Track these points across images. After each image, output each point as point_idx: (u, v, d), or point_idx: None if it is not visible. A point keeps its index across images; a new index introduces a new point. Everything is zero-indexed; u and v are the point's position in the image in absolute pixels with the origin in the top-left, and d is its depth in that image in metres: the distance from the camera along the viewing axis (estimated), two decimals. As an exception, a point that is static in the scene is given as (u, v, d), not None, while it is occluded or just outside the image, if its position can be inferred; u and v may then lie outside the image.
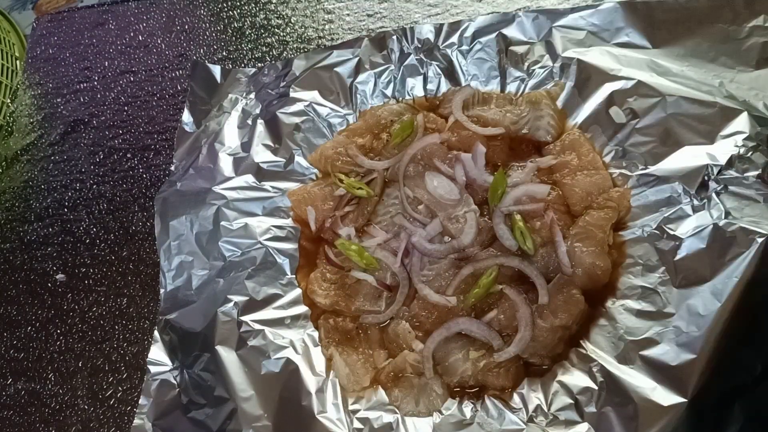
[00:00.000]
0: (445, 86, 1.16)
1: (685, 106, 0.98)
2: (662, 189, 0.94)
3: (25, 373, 1.11)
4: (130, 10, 1.52)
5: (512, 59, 1.14)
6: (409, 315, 0.96)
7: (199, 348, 0.98)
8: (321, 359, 0.95)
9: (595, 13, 1.12)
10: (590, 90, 1.06)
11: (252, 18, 1.44)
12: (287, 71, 1.24)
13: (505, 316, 0.92)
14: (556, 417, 0.85)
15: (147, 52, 1.45)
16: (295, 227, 1.08)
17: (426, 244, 0.99)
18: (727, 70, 1.01)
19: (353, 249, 0.99)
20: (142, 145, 1.32)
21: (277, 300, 1.01)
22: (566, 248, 0.93)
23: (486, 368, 0.89)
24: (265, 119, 1.19)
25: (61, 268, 1.20)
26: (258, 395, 0.92)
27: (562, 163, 1.02)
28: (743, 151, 0.92)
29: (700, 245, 0.87)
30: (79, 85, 1.44)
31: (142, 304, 1.13)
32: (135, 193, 1.26)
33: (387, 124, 1.12)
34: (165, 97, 1.37)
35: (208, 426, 0.92)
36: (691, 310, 0.83)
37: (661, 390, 0.80)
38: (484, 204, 1.01)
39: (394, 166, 1.07)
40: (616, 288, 0.91)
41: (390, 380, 0.93)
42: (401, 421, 0.89)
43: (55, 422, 1.05)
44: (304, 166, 1.14)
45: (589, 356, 0.87)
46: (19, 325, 1.16)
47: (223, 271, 1.04)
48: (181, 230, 1.10)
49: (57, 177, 1.32)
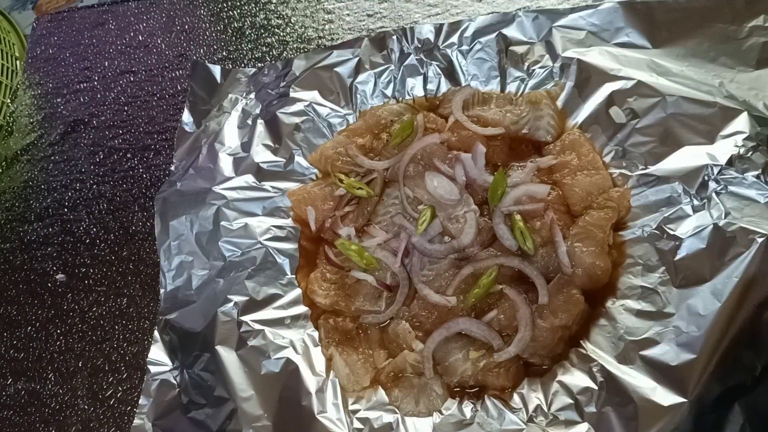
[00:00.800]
0: (445, 86, 1.16)
1: (685, 106, 0.98)
2: (662, 189, 0.94)
3: (25, 373, 1.11)
4: (130, 10, 1.52)
5: (512, 59, 1.14)
6: (409, 315, 0.96)
7: (199, 348, 0.98)
8: (321, 359, 0.95)
9: (595, 13, 1.12)
10: (590, 90, 1.06)
11: (252, 18, 1.44)
12: (287, 71, 1.24)
13: (505, 316, 0.92)
14: (556, 417, 0.85)
15: (147, 52, 1.45)
16: (295, 227, 1.08)
17: (426, 244, 0.99)
18: (727, 70, 1.01)
19: (353, 249, 0.99)
20: (142, 145, 1.32)
21: (277, 300, 1.01)
22: (566, 248, 0.93)
23: (486, 368, 0.89)
24: (265, 119, 1.19)
25: (61, 268, 1.20)
26: (258, 395, 0.92)
27: (562, 163, 1.02)
28: (743, 151, 0.92)
29: (700, 245, 0.87)
30: (79, 85, 1.44)
31: (142, 304, 1.13)
32: (135, 193, 1.26)
33: (387, 124, 1.12)
34: (165, 97, 1.37)
35: (208, 426, 0.92)
36: (691, 310, 0.83)
37: (661, 390, 0.80)
38: (484, 204, 1.01)
39: (394, 166, 1.07)
40: (616, 288, 0.91)
41: (390, 380, 0.93)
42: (401, 421, 0.89)
43: (55, 422, 1.05)
44: (304, 166, 1.14)
45: (589, 356, 0.87)
46: (19, 325, 1.16)
47: (223, 271, 1.04)
48: (181, 230, 1.10)
49: (57, 177, 1.32)
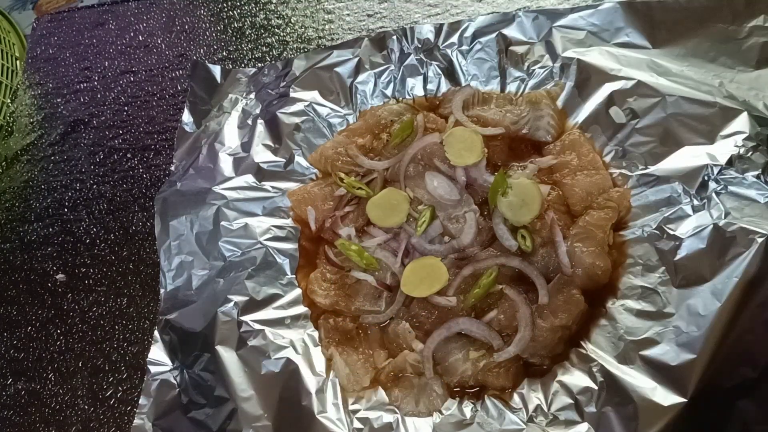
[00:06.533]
0: (445, 86, 1.17)
1: (685, 106, 0.98)
2: (662, 189, 0.94)
3: (25, 373, 1.11)
4: (130, 10, 1.53)
5: (512, 59, 1.14)
6: (409, 315, 0.96)
7: (199, 348, 0.98)
8: (321, 359, 0.95)
9: (595, 13, 1.12)
10: (590, 90, 1.06)
11: (252, 18, 1.44)
12: (287, 71, 1.24)
13: (505, 316, 0.92)
14: (556, 417, 0.85)
15: (147, 52, 1.45)
16: (295, 227, 1.08)
17: (426, 244, 0.99)
18: (727, 70, 1.01)
19: (353, 249, 0.99)
20: (142, 145, 1.32)
21: (277, 300, 1.01)
22: (566, 248, 0.93)
23: (486, 368, 0.89)
24: (265, 119, 1.19)
25: (61, 268, 1.20)
26: (258, 395, 0.92)
27: (562, 163, 1.02)
28: (743, 151, 0.92)
29: (700, 245, 0.87)
30: (79, 85, 1.44)
31: (142, 304, 1.13)
32: (135, 193, 1.26)
33: (387, 124, 1.12)
34: (165, 97, 1.37)
35: (208, 426, 0.92)
36: (691, 310, 0.83)
37: (661, 390, 0.80)
38: (484, 204, 1.01)
39: (394, 166, 1.07)
40: (616, 288, 0.91)
41: (390, 380, 0.93)
42: (401, 421, 0.89)
43: (55, 422, 1.05)
44: (304, 166, 1.14)
45: (589, 356, 0.87)
46: (19, 325, 1.16)
47: (223, 271, 1.04)
48: (181, 230, 1.10)
49: (57, 177, 1.32)
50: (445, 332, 0.92)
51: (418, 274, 0.95)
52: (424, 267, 0.95)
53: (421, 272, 0.95)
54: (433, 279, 0.94)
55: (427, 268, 0.95)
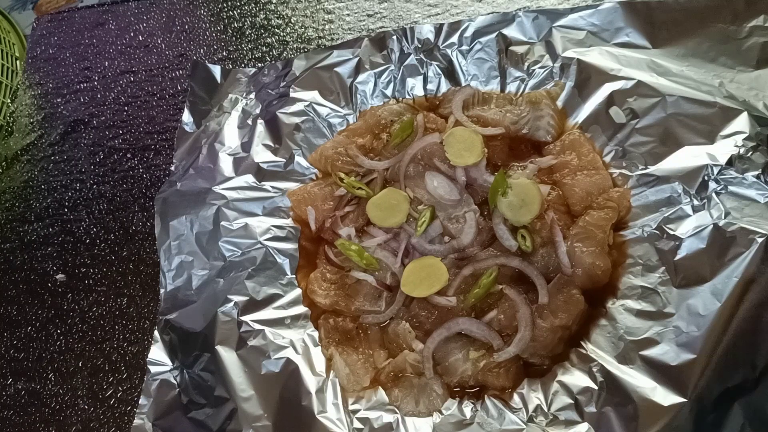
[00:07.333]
0: (445, 86, 1.17)
1: (685, 106, 0.98)
2: (662, 189, 0.94)
3: (25, 373, 1.11)
4: (130, 10, 1.52)
5: (512, 59, 1.14)
6: (409, 315, 0.96)
7: (199, 348, 0.98)
8: (321, 359, 0.95)
9: (595, 13, 1.12)
10: (590, 90, 1.06)
11: (252, 18, 1.44)
12: (287, 71, 1.24)
13: (505, 316, 0.92)
14: (556, 417, 0.85)
15: (147, 52, 1.45)
16: (295, 227, 1.08)
17: (426, 244, 0.99)
18: (727, 70, 1.01)
19: (353, 249, 0.99)
20: (142, 145, 1.32)
21: (277, 300, 1.01)
22: (566, 248, 0.93)
23: (486, 368, 0.89)
24: (265, 119, 1.19)
25: (61, 268, 1.20)
26: (258, 395, 0.92)
27: (562, 163, 1.02)
28: (743, 151, 0.92)
29: (700, 245, 0.87)
30: (79, 85, 1.44)
31: (142, 304, 1.13)
32: (135, 193, 1.26)
33: (387, 124, 1.12)
34: (165, 97, 1.37)
35: (208, 426, 0.92)
36: (691, 310, 0.83)
37: (661, 390, 0.80)
38: (484, 204, 1.01)
39: (394, 166, 1.07)
40: (616, 288, 0.91)
41: (390, 380, 0.93)
42: (401, 421, 0.89)
43: (55, 422, 1.05)
44: (304, 166, 1.14)
45: (589, 356, 0.87)
46: (19, 325, 1.16)
47: (223, 271, 1.04)
48: (181, 230, 1.10)
49: (57, 177, 1.32)
50: (445, 332, 0.92)
51: (418, 274, 0.95)
52: (424, 267, 0.95)
53: (421, 272, 0.95)
54: (433, 279, 0.94)
55: (427, 268, 0.95)
